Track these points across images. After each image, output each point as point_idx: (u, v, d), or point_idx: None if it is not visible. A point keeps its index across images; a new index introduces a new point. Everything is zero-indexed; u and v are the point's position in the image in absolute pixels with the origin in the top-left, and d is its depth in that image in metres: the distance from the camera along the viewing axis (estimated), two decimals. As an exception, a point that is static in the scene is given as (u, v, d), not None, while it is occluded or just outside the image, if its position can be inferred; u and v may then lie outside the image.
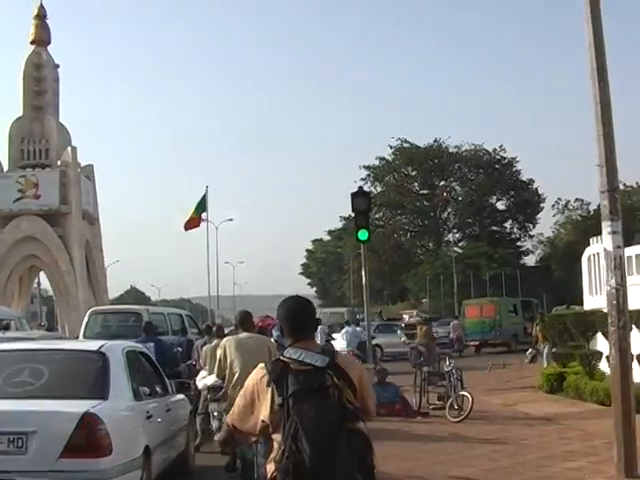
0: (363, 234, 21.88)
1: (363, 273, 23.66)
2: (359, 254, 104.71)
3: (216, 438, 9.57)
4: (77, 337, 24.78)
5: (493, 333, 47.99)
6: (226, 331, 17.31)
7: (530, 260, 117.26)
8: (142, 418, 9.50)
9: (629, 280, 11.35)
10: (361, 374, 5.01)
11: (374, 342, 32.20)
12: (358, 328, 33.70)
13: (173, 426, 11.23)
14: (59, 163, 58.58)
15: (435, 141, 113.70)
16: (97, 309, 27.25)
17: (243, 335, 10.94)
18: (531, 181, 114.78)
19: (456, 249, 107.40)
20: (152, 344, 16.20)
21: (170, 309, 29.94)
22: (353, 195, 22.13)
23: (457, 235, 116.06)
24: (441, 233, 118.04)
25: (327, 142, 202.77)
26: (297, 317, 4.99)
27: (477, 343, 46.40)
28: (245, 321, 11.20)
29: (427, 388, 20.07)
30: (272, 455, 4.67)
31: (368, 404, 4.99)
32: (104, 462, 8.14)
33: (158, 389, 11.19)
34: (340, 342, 31.27)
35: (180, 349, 20.50)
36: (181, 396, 12.42)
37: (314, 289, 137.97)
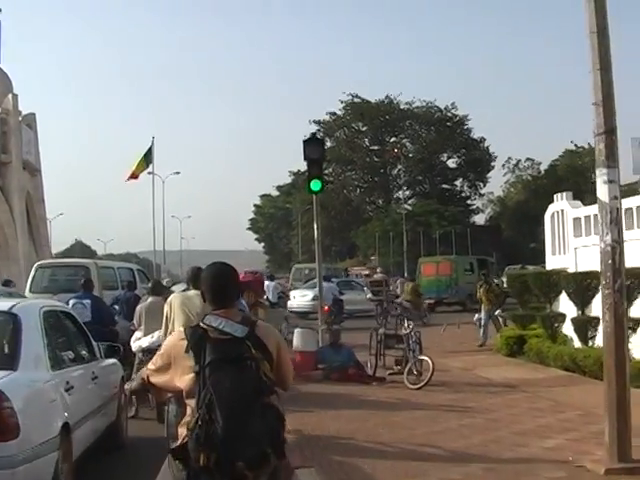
0: (316, 184, 20.43)
1: (315, 227, 22.29)
2: (308, 210, 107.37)
3: (127, 387, 8.48)
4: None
5: (449, 292, 47.18)
6: (179, 287, 17.41)
7: (480, 219, 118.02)
8: (60, 390, 8.33)
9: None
10: (279, 344, 4.95)
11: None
12: (332, 284, 33.25)
13: (101, 395, 10.24)
14: (-1, 111, 56.20)
15: (386, 97, 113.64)
16: (44, 263, 26.72)
17: (191, 292, 10.32)
18: (482, 139, 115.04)
19: (406, 206, 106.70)
20: (89, 301, 15.77)
21: (120, 263, 29.46)
22: (305, 142, 20.68)
23: (407, 192, 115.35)
24: (391, 190, 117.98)
25: (278, 94, 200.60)
26: (218, 284, 4.94)
27: (432, 301, 44.83)
28: (197, 278, 9.99)
29: (383, 351, 18.60)
30: (185, 419, 4.67)
31: (285, 376, 5.01)
32: (10, 447, 6.94)
33: (84, 354, 10.29)
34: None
35: (116, 307, 19.41)
36: (112, 360, 11.46)
37: (262, 244, 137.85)
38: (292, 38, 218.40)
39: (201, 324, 4.72)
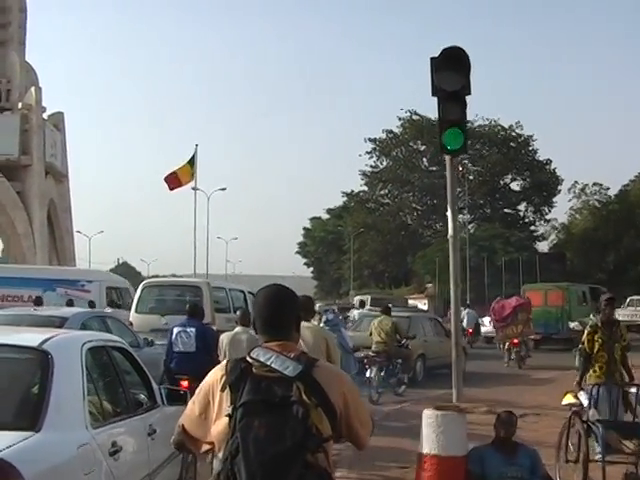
0: (455, 137, 13.40)
1: (450, 216, 17.99)
2: (360, 233, 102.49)
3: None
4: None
5: (559, 327, 39.58)
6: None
7: (543, 246, 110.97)
8: (102, 456, 6.28)
9: None
10: (346, 393, 4.01)
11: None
12: (471, 311, 33.11)
13: (160, 455, 7.86)
14: (20, 106, 50.22)
15: None
16: (151, 281, 26.10)
17: (302, 324, 7.10)
18: (549, 161, 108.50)
19: (467, 230, 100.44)
20: (194, 329, 14.44)
21: (231, 284, 28.06)
22: (437, 61, 13.48)
23: (467, 216, 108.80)
24: None
25: (332, 110, 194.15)
26: (272, 310, 4.16)
27: (539, 337, 37.63)
28: (306, 308, 9.70)
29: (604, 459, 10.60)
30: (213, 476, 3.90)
31: (359, 434, 4.08)
32: None
33: (140, 402, 8.10)
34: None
35: None
36: (175, 408, 8.56)
37: (310, 269, 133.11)
38: (347, 53, 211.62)
39: (247, 357, 3.94)
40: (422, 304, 72.59)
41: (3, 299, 27.97)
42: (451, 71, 13.95)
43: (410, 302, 69.55)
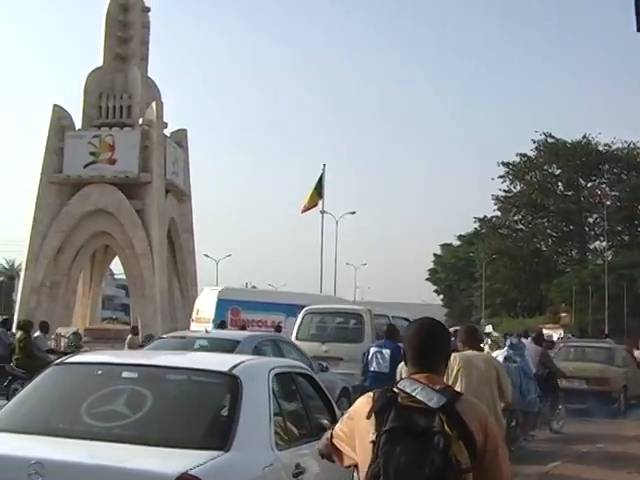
0: None
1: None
2: (492, 260, 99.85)
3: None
4: (151, 335, 25.59)
5: None
6: None
7: None
8: (286, 476, 6.60)
9: None
10: (488, 428, 4.03)
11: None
12: None
13: (340, 476, 6.87)
14: (140, 122, 49.20)
15: (584, 137, 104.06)
16: (312, 308, 24.86)
17: (471, 353, 9.81)
18: None
19: (604, 257, 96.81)
20: (389, 351, 14.79)
21: (394, 311, 26.71)
22: None
23: (604, 244, 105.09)
24: (586, 240, 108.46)
25: (462, 132, 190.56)
26: (420, 343, 4.23)
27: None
28: (471, 337, 10.26)
29: None
30: None
31: (501, 469, 4.06)
32: None
33: (323, 425, 7.43)
34: None
35: None
36: None
37: (440, 297, 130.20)
38: (480, 72, 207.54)
39: (394, 388, 4.05)
40: (557, 334, 69.23)
41: (248, 324, 28.85)
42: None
43: (545, 332, 66.05)
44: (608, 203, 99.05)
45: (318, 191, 54.14)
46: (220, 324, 25.98)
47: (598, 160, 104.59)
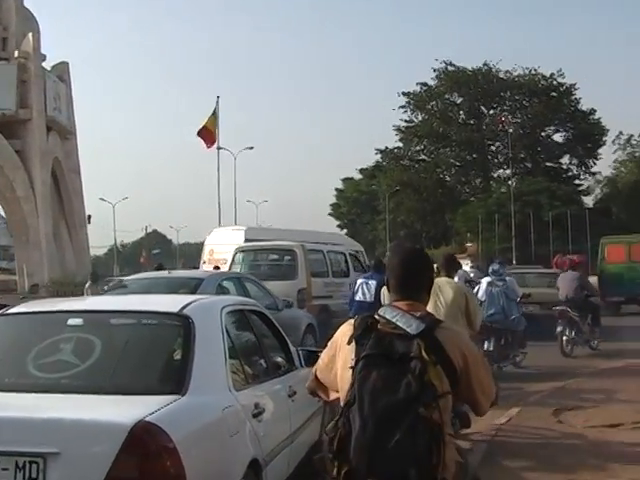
0: None
1: None
2: (395, 192, 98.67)
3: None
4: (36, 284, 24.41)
5: None
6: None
7: (587, 201, 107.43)
8: (246, 417, 6.55)
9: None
10: (468, 355, 4.12)
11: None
12: None
13: (300, 415, 8.13)
14: (16, 54, 45.87)
15: (484, 64, 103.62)
16: (244, 246, 24.61)
17: (442, 279, 9.97)
18: (592, 111, 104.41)
19: (509, 185, 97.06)
20: (375, 282, 15.09)
21: (329, 246, 26.07)
22: None
23: (507, 171, 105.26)
24: (490, 169, 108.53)
25: (363, 63, 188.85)
26: (403, 270, 4.36)
27: (622, 299, 32.50)
28: (450, 264, 10.69)
29: None
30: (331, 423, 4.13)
31: (476, 396, 4.22)
32: None
33: (279, 364, 8.13)
34: None
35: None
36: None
37: (344, 231, 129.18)
38: (378, 1, 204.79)
39: (375, 315, 4.15)
40: (465, 264, 68.08)
41: None
42: None
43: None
44: (510, 130, 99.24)
45: (213, 124, 51.66)
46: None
47: (499, 87, 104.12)
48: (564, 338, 19.78)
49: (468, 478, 4.21)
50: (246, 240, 27.05)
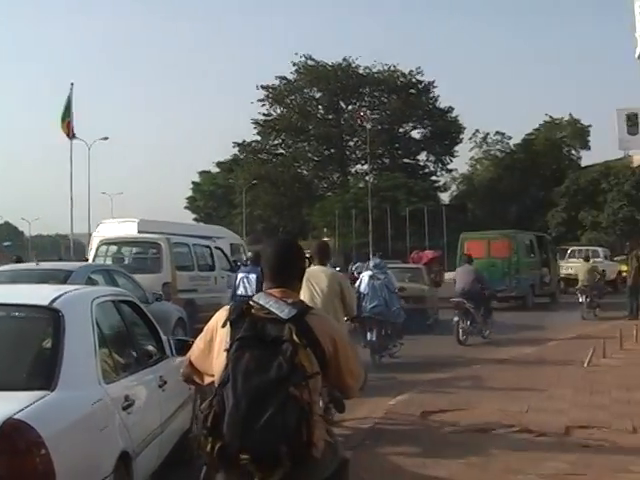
0: None
1: None
2: (252, 186, 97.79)
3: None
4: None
5: (508, 282, 33.34)
6: None
7: (444, 197, 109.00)
8: (116, 410, 6.54)
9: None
10: (337, 340, 4.35)
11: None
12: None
13: (171, 405, 8.26)
14: None
15: (344, 60, 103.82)
16: (109, 238, 24.36)
17: (316, 268, 10.23)
18: (450, 109, 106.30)
19: (366, 180, 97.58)
20: (255, 275, 15.48)
21: (195, 239, 25.31)
22: None
23: (365, 167, 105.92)
24: (347, 164, 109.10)
25: (221, 60, 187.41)
26: (276, 260, 4.60)
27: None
28: (323, 253, 10.83)
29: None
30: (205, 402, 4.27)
31: (345, 379, 4.44)
32: None
33: (150, 354, 8.27)
34: None
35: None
36: (183, 359, 6.62)
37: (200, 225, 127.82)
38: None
39: (250, 301, 4.35)
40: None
41: None
42: None
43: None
44: (369, 126, 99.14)
45: (66, 115, 50.53)
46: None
47: (359, 83, 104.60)
48: (460, 328, 20.58)
49: (337, 458, 4.24)
50: (139, 232, 26.28)
